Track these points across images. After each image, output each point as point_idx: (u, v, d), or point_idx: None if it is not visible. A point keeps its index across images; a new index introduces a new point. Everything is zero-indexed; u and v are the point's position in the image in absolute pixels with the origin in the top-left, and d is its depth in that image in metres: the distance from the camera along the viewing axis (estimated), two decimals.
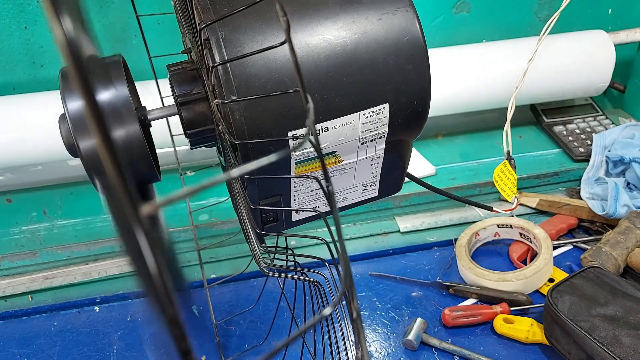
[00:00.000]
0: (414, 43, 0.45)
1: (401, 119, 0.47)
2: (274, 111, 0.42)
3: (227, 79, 0.41)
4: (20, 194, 0.94)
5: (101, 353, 0.71)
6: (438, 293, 0.77)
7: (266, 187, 0.48)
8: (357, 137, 0.46)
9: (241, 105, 0.41)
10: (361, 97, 0.44)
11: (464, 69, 0.96)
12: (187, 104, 0.48)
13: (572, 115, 1.06)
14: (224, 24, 0.42)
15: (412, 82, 0.45)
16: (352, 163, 0.49)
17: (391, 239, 0.87)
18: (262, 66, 0.42)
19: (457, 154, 1.01)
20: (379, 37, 0.44)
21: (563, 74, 0.98)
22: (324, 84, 0.43)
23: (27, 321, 0.77)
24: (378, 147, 0.49)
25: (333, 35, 0.43)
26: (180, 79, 0.49)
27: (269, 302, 0.76)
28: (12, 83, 0.90)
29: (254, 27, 0.42)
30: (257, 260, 0.51)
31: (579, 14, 1.05)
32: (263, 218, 0.51)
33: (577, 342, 0.62)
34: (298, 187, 0.49)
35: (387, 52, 0.44)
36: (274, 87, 0.42)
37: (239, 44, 0.42)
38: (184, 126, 0.49)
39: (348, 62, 0.43)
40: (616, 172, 0.90)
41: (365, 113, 0.45)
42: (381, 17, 0.44)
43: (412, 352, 0.69)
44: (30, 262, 0.84)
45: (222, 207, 0.86)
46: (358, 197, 0.54)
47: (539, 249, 0.77)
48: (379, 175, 0.53)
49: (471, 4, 1.01)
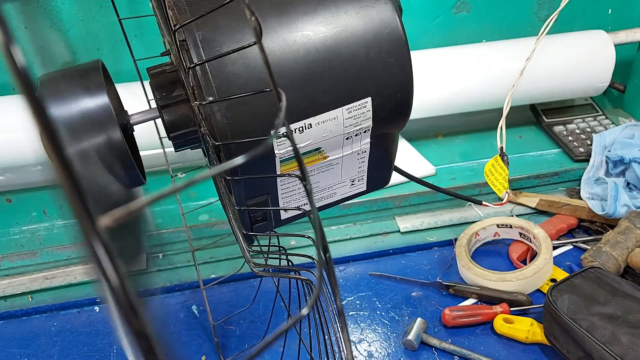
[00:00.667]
0: (394, 35, 0.44)
1: (385, 112, 0.46)
2: (255, 110, 0.42)
3: (206, 79, 0.41)
4: (20, 194, 0.94)
5: (101, 353, 0.71)
6: (438, 293, 0.77)
7: (253, 187, 0.48)
8: (342, 132, 0.46)
9: (222, 106, 0.41)
10: (343, 92, 0.44)
11: (463, 69, 0.96)
12: (168, 106, 0.48)
13: (572, 115, 1.06)
14: (201, 24, 0.41)
15: (394, 75, 0.45)
16: (338, 158, 0.49)
17: (391, 239, 0.87)
18: (242, 65, 0.41)
19: (457, 154, 1.01)
20: (359, 31, 0.44)
21: (563, 74, 0.98)
22: (305, 80, 0.43)
23: (27, 321, 0.77)
24: (363, 142, 0.49)
25: (312, 31, 0.43)
26: (160, 81, 0.49)
27: (268, 302, 0.76)
28: (12, 83, 0.90)
29: (232, 27, 0.42)
30: (247, 261, 0.51)
31: (579, 14, 1.05)
32: (252, 218, 0.51)
33: (576, 341, 0.62)
34: (285, 186, 0.49)
35: (368, 46, 0.44)
36: (254, 85, 0.41)
37: (217, 44, 0.41)
38: (166, 129, 0.49)
39: (328, 57, 0.43)
40: (616, 172, 0.90)
41: (349, 108, 0.45)
42: (359, 10, 0.44)
43: (412, 352, 0.69)
44: (30, 262, 0.84)
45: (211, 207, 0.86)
46: (346, 192, 0.54)
47: (539, 249, 0.77)
48: (366, 169, 0.53)
49: (471, 4, 1.01)
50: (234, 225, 0.52)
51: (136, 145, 0.54)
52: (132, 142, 0.53)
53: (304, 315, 0.19)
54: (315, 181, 0.51)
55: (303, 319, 0.70)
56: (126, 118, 0.50)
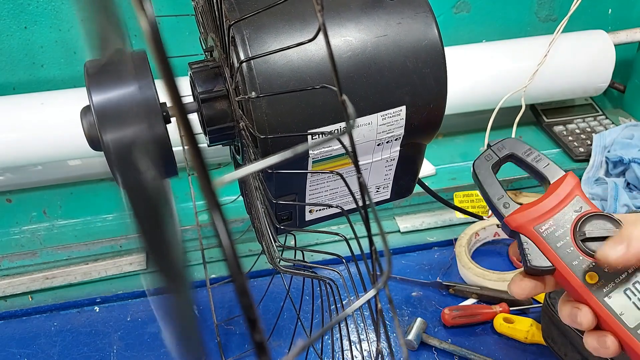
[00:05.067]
0: (432, 47, 0.46)
1: (417, 121, 0.47)
2: (295, 109, 0.43)
3: (251, 76, 0.42)
4: (20, 194, 0.94)
5: (101, 353, 0.71)
6: (438, 293, 0.77)
7: (283, 185, 0.48)
8: (374, 138, 0.47)
9: (263, 102, 0.42)
10: (379, 98, 0.45)
11: (463, 69, 0.96)
12: (208, 101, 0.49)
13: (572, 115, 1.06)
14: (248, 23, 0.43)
15: (429, 86, 0.46)
16: (367, 164, 0.50)
17: (391, 239, 0.87)
18: (285, 65, 0.43)
19: (457, 154, 1.01)
20: (399, 41, 0.45)
21: (563, 74, 0.98)
22: (344, 85, 0.44)
23: (27, 321, 0.77)
24: (393, 149, 0.49)
25: (354, 37, 0.44)
26: (202, 76, 0.50)
27: (268, 302, 0.76)
28: (12, 83, 0.90)
29: (277, 27, 0.43)
30: (272, 257, 0.51)
31: (579, 14, 1.05)
32: (277, 216, 0.52)
33: (573, 344, 0.62)
34: (313, 187, 0.50)
35: (406, 55, 0.45)
36: (295, 85, 0.43)
37: (263, 43, 0.43)
38: (204, 123, 0.50)
39: (368, 64, 0.44)
40: (616, 172, 0.90)
41: (383, 114, 0.46)
42: (401, 21, 0.45)
43: (412, 352, 0.69)
44: (30, 262, 0.84)
45: (228, 207, 0.86)
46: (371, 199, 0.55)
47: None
48: (392, 177, 0.53)
49: (471, 4, 1.01)
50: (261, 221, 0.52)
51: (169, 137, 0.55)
52: None
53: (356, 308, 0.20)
54: (342, 185, 0.51)
55: (302, 316, 0.71)
56: (165, 109, 0.50)
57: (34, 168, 0.94)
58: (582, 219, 0.42)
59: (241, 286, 0.16)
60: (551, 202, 0.44)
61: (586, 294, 0.41)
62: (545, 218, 0.43)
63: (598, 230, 0.42)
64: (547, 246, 0.42)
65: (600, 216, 0.42)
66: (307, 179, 0.49)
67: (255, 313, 0.17)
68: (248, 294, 0.16)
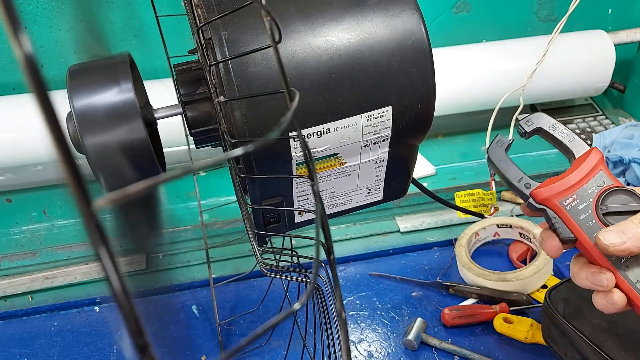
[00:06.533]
0: (419, 46, 0.44)
1: (405, 122, 0.46)
2: (274, 111, 0.42)
3: (229, 78, 0.42)
4: (20, 194, 0.94)
5: (101, 353, 0.71)
6: (438, 293, 0.77)
7: (268, 188, 0.48)
8: (360, 139, 0.46)
9: (242, 105, 0.42)
10: (364, 99, 0.44)
11: (463, 69, 0.96)
12: (191, 103, 0.49)
13: (572, 115, 1.06)
14: (228, 24, 0.42)
15: (416, 85, 0.45)
16: (355, 165, 0.49)
17: (391, 239, 0.87)
18: (264, 66, 0.42)
19: (457, 154, 1.01)
20: (383, 39, 0.44)
21: (563, 73, 0.98)
22: (326, 85, 0.43)
23: (27, 321, 0.77)
24: (382, 151, 0.49)
25: (336, 37, 0.43)
26: (185, 78, 0.49)
27: (269, 303, 0.76)
28: (12, 83, 0.90)
29: (256, 28, 0.42)
30: (257, 260, 0.51)
31: (579, 14, 1.05)
32: (266, 219, 0.51)
33: (573, 344, 0.62)
34: (300, 188, 0.49)
35: (391, 55, 0.44)
36: (275, 87, 0.42)
37: (242, 44, 0.42)
38: (188, 125, 0.50)
39: (351, 64, 0.43)
40: (616, 172, 0.90)
41: (368, 115, 0.45)
42: (385, 19, 0.44)
43: (412, 352, 0.69)
44: (30, 262, 0.84)
45: (230, 207, 0.86)
46: (362, 200, 0.54)
47: (539, 249, 0.77)
48: (383, 178, 0.52)
49: (471, 4, 1.01)
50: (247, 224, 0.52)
51: (159, 140, 0.55)
52: (156, 136, 0.53)
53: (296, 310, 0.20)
54: (331, 186, 0.51)
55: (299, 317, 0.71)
56: (150, 112, 0.50)
57: (34, 168, 0.94)
58: (605, 194, 0.44)
59: (130, 312, 0.16)
60: (575, 176, 0.45)
61: (605, 264, 0.44)
62: (570, 192, 0.45)
63: (619, 205, 0.44)
64: (570, 218, 0.44)
65: (623, 191, 0.44)
66: (292, 182, 0.48)
67: (145, 339, 0.16)
68: (137, 320, 0.16)
